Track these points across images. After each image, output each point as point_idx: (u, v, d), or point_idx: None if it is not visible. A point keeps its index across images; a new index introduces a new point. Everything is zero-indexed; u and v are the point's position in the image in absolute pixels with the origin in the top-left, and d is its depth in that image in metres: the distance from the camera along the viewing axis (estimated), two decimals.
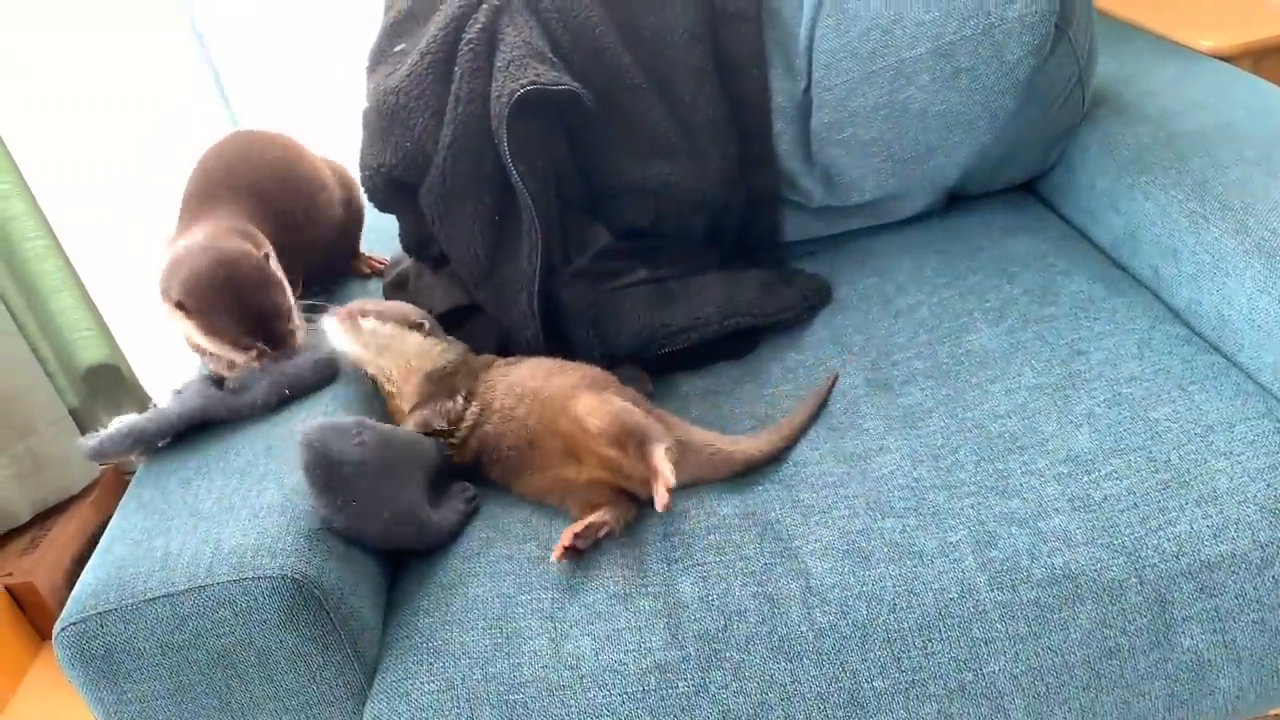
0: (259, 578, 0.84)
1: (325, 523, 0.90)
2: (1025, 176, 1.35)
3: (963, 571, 0.88)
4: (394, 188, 1.15)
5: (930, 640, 0.86)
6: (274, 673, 0.87)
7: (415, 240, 1.21)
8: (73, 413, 1.79)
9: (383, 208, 1.20)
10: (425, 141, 1.12)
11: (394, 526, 0.94)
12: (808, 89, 1.25)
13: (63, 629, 0.86)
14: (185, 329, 1.07)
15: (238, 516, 0.90)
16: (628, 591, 0.91)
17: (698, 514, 0.98)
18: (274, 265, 1.06)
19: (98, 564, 0.91)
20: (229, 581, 0.85)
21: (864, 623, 0.87)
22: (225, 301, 1.02)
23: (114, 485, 1.88)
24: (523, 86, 1.08)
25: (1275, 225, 0.98)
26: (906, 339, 1.15)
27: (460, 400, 1.05)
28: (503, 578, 0.94)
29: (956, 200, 1.36)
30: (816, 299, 1.23)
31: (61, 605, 1.63)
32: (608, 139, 1.20)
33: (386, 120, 1.13)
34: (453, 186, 1.11)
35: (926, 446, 1.00)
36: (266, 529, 0.88)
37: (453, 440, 1.05)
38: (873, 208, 1.32)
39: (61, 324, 1.78)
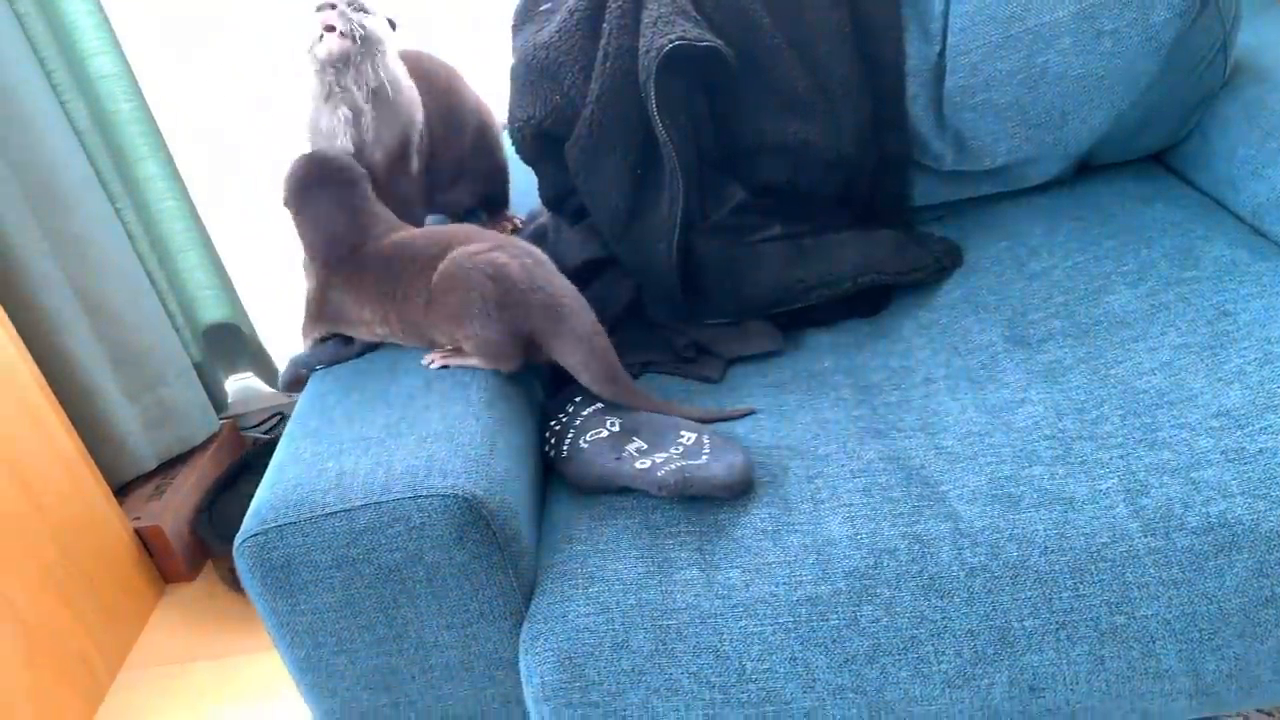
0: (432, 495, 0.88)
1: None
2: (1159, 146, 1.34)
3: (1114, 518, 0.88)
4: (541, 140, 1.19)
5: (1082, 583, 0.87)
6: (440, 589, 0.91)
7: (555, 193, 1.24)
8: (196, 367, 1.86)
9: (528, 160, 1.23)
10: (574, 95, 1.15)
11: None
12: (942, 52, 1.26)
13: (244, 540, 0.91)
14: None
15: (405, 442, 0.94)
16: (776, 528, 0.94)
17: (840, 458, 1.00)
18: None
19: (273, 482, 0.95)
20: (403, 499, 0.88)
21: (1015, 563, 0.88)
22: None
23: (231, 441, 1.95)
24: (670, 42, 1.11)
25: None
26: (1042, 299, 1.16)
27: None
28: (651, 510, 0.97)
29: (1086, 169, 1.36)
30: (949, 260, 1.24)
31: (186, 551, 1.73)
32: (746, 97, 1.22)
33: (536, 74, 1.16)
34: (599, 139, 1.15)
35: (1070, 400, 1.01)
36: (435, 454, 0.92)
37: None
38: (1003, 173, 1.32)
39: (187, 281, 1.85)
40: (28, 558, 1.47)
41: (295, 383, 1.17)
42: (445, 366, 1.04)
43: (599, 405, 1.08)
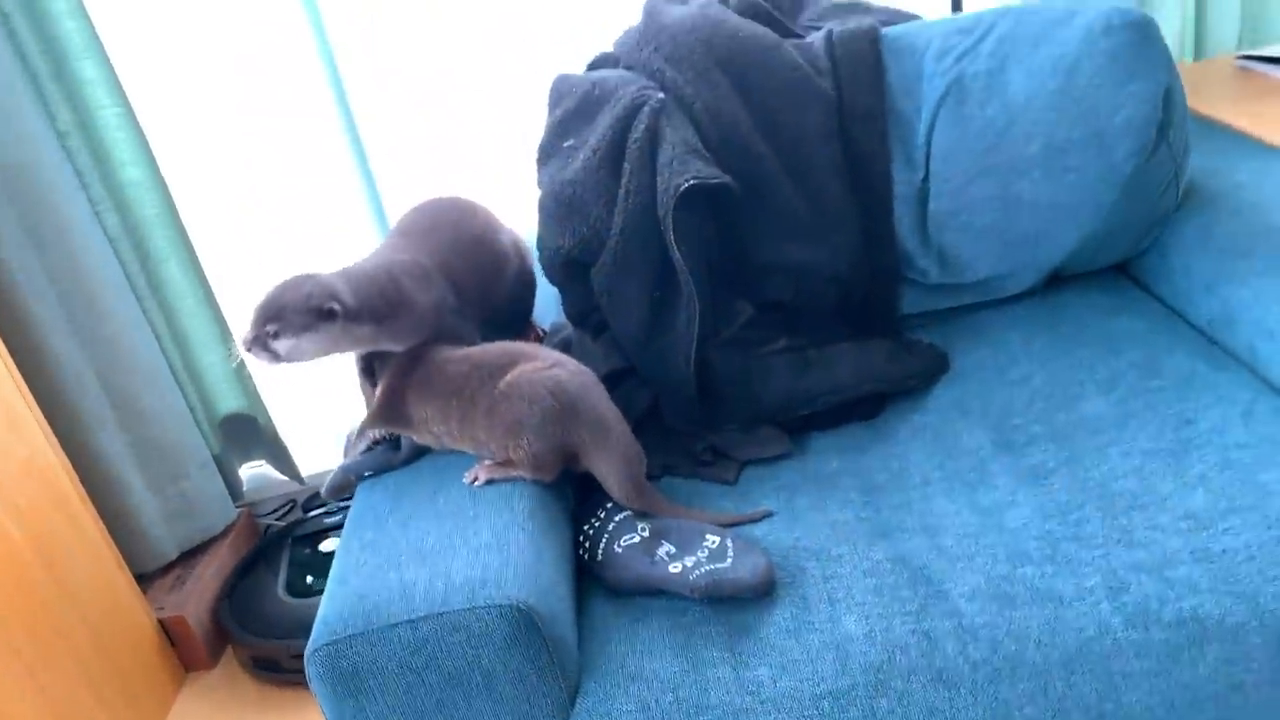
0: (490, 606, 0.97)
1: None
2: (1122, 258, 1.48)
3: (1099, 614, 0.99)
4: (569, 266, 1.31)
5: (1073, 674, 0.97)
6: (496, 692, 0.99)
7: (579, 310, 1.35)
8: (215, 459, 1.94)
9: (555, 282, 1.35)
10: (599, 227, 1.27)
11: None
12: (926, 178, 1.40)
13: (314, 650, 0.99)
14: None
15: (460, 553, 1.04)
16: (797, 626, 1.04)
17: (851, 558, 1.10)
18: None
19: (337, 593, 1.04)
20: (463, 609, 0.97)
21: (1013, 657, 0.98)
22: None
23: (248, 531, 2.02)
24: (686, 182, 1.23)
25: None
26: (1024, 405, 1.28)
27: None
28: (682, 612, 1.07)
29: (1057, 279, 1.49)
30: (937, 367, 1.36)
31: (208, 639, 1.80)
32: (752, 224, 1.34)
33: (564, 209, 1.28)
34: (622, 266, 1.26)
35: (1054, 502, 1.12)
36: (489, 564, 1.01)
37: None
38: (983, 285, 1.45)
39: (205, 374, 1.93)
40: (59, 646, 1.54)
41: (342, 488, 1.26)
42: (490, 481, 1.14)
43: (628, 511, 1.18)
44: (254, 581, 1.88)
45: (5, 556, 1.46)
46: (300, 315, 1.13)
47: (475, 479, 1.15)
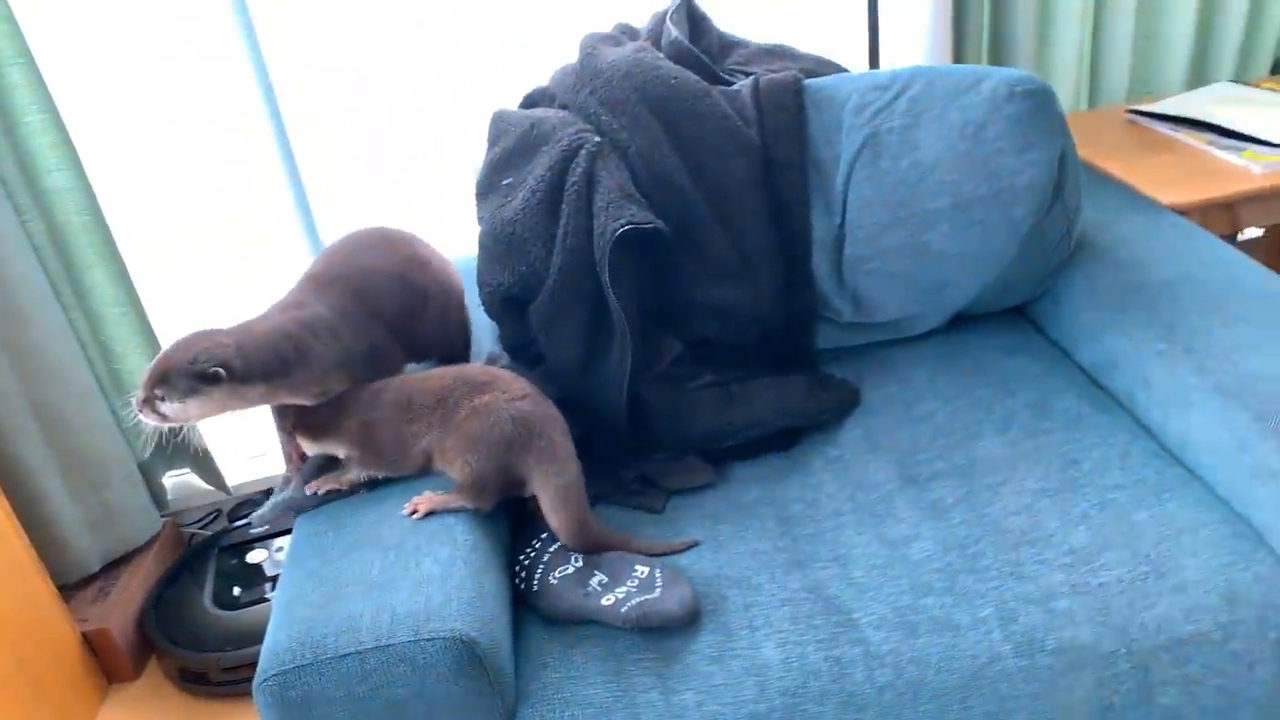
0: (434, 638, 1.03)
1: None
2: (1019, 302, 1.60)
3: (991, 642, 1.10)
4: (507, 303, 1.36)
5: (968, 697, 1.08)
6: (437, 719, 1.06)
7: (515, 343, 1.42)
8: (139, 468, 1.94)
9: (493, 317, 1.41)
10: (538, 266, 1.33)
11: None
12: (842, 225, 1.49)
13: (263, 680, 1.04)
14: None
15: (403, 586, 1.09)
16: (720, 653, 1.12)
17: (770, 588, 1.19)
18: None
19: (284, 623, 1.08)
20: (408, 641, 1.03)
21: (915, 682, 1.09)
22: None
23: (172, 541, 2.03)
24: (621, 226, 1.30)
25: (1228, 368, 1.24)
26: (927, 441, 1.39)
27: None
28: (614, 639, 1.15)
29: (961, 318, 1.60)
30: (850, 402, 1.46)
31: (132, 651, 1.80)
32: (682, 264, 1.42)
33: (503, 247, 1.34)
34: (559, 304, 1.33)
35: (953, 536, 1.23)
36: (432, 596, 1.07)
37: None
38: (893, 324, 1.56)
39: (129, 382, 1.93)
40: None
41: (277, 522, 1.30)
42: (430, 513, 1.20)
43: (561, 542, 1.25)
44: (180, 592, 1.90)
45: None
46: (185, 379, 1.15)
47: (414, 511, 1.20)
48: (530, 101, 1.63)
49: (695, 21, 1.68)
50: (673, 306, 1.43)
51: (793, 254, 1.48)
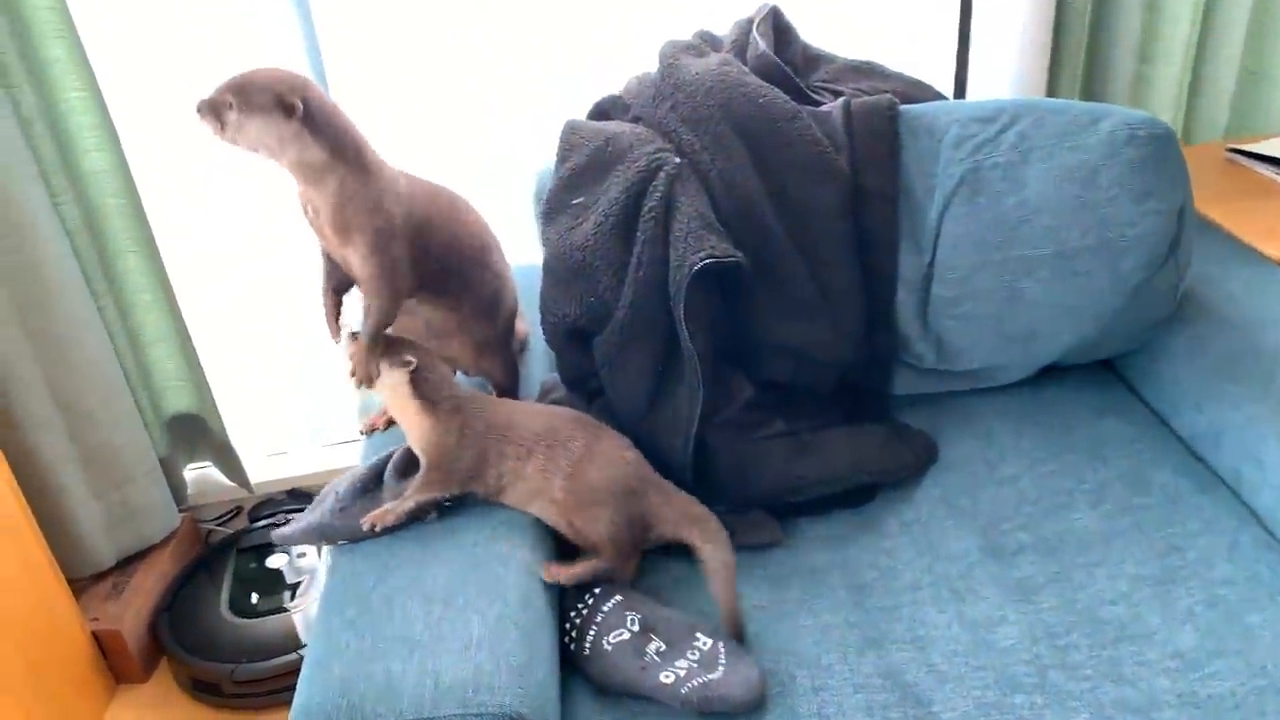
0: (482, 714, 0.94)
1: None
2: (1109, 355, 1.49)
3: None
4: (572, 334, 1.26)
5: None
6: None
7: (576, 376, 1.32)
8: (161, 462, 1.85)
9: (556, 348, 1.30)
10: (607, 298, 1.23)
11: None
12: (931, 263, 1.38)
13: None
14: None
15: (450, 647, 1.00)
16: None
17: (841, 669, 1.10)
18: None
19: (318, 679, 0.99)
20: (454, 715, 0.94)
21: None
22: None
23: (190, 538, 1.94)
24: (701, 260, 1.20)
25: None
26: (1012, 509, 1.28)
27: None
28: (677, 714, 1.05)
29: (1045, 369, 1.49)
30: (928, 458, 1.36)
31: (142, 653, 1.72)
32: (758, 300, 1.32)
33: (571, 275, 1.24)
34: (628, 339, 1.23)
35: (1042, 624, 1.13)
36: (481, 665, 0.98)
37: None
38: (974, 373, 1.45)
39: (155, 372, 1.85)
40: None
41: (301, 543, 1.20)
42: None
43: (618, 599, 1.15)
44: (195, 595, 1.82)
45: None
46: (263, 96, 1.09)
47: (553, 576, 1.15)
48: (600, 111, 1.52)
49: (780, 32, 1.56)
50: (744, 345, 1.33)
51: (876, 292, 1.37)
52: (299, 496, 2.01)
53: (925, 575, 1.21)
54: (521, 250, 1.47)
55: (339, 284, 1.24)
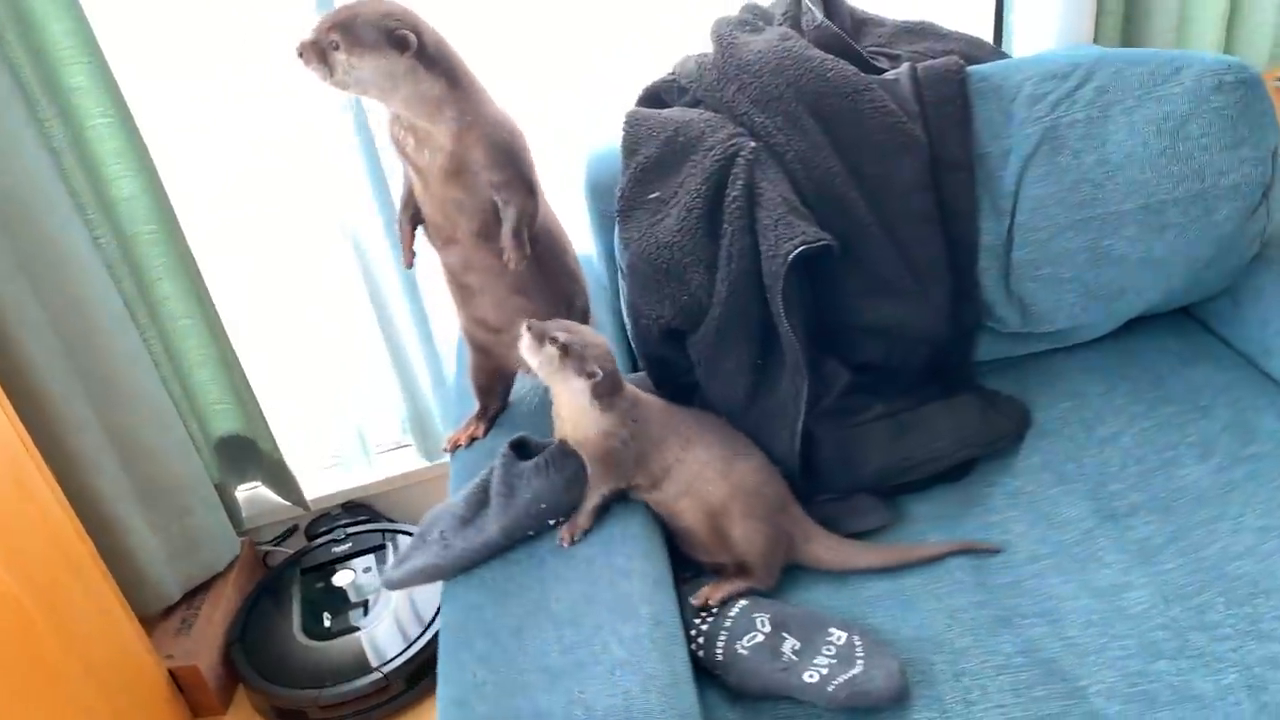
0: None
1: None
2: (1191, 302, 1.46)
3: (1242, 714, 0.99)
4: (666, 336, 1.22)
5: None
6: None
7: (664, 377, 1.28)
8: (216, 488, 1.81)
9: (647, 353, 1.27)
10: (700, 295, 1.19)
11: None
12: (1011, 227, 1.35)
13: None
14: None
15: (593, 673, 0.97)
16: None
17: (978, 652, 1.08)
18: None
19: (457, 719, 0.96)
20: None
21: None
22: None
23: (250, 563, 1.91)
24: (796, 247, 1.16)
25: None
26: (1117, 469, 1.27)
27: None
28: (817, 718, 1.03)
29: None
30: (1024, 424, 1.34)
31: (219, 685, 1.69)
32: (845, 281, 1.28)
33: (661, 275, 1.20)
34: (724, 335, 1.19)
35: (1171, 585, 1.11)
36: (630, 689, 0.95)
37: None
38: (1058, 333, 1.42)
39: (200, 395, 1.80)
40: (66, 701, 1.43)
41: (414, 583, 1.17)
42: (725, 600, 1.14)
43: (743, 603, 1.13)
44: (264, 621, 1.78)
45: (4, 610, 1.33)
46: (372, 31, 1.02)
47: (705, 600, 1.14)
48: (653, 97, 1.46)
49: None
50: (835, 329, 1.29)
51: (960, 262, 1.34)
52: (355, 509, 1.97)
53: (1042, 546, 1.20)
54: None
55: (416, 213, 1.20)
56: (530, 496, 1.14)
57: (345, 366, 1.92)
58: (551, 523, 1.15)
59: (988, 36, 1.80)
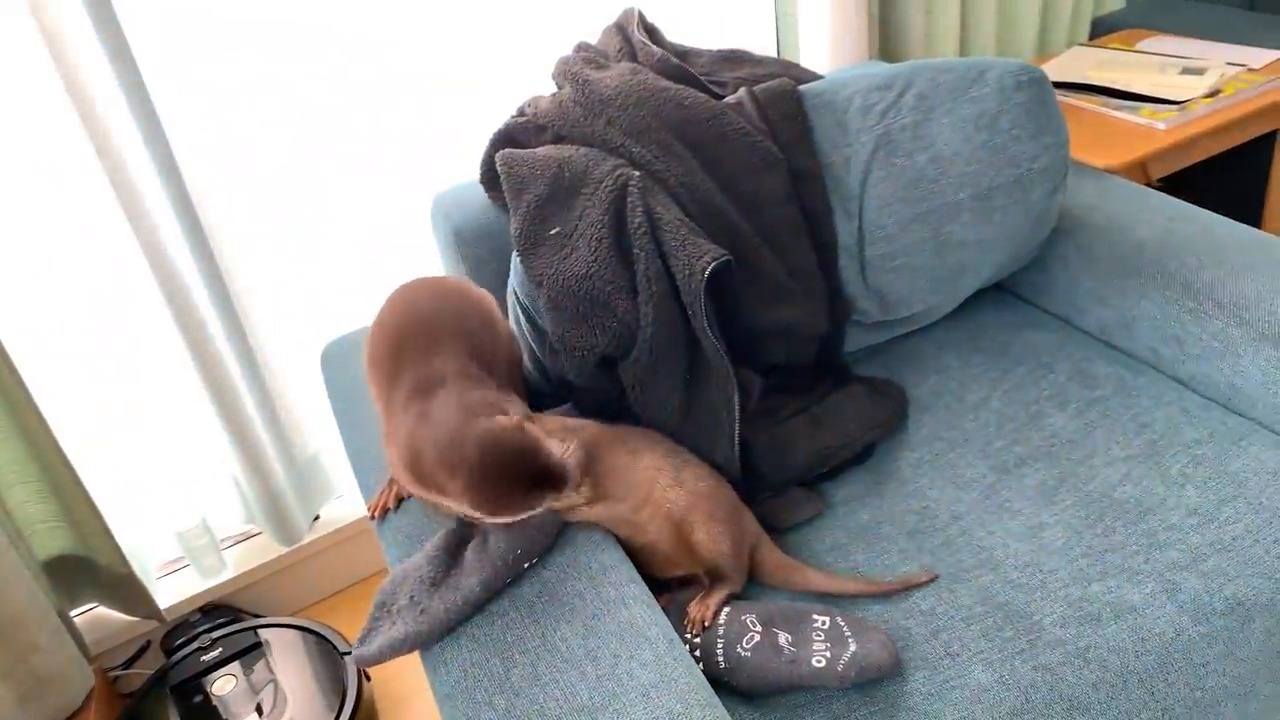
0: None
1: None
2: (1009, 274, 1.66)
3: (1168, 615, 1.14)
4: (600, 364, 1.24)
5: (1168, 674, 1.12)
6: None
7: (594, 405, 1.29)
8: (59, 616, 1.61)
9: (584, 383, 1.27)
10: (628, 319, 1.22)
11: None
12: (860, 226, 1.48)
13: None
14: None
15: (630, 700, 0.97)
16: (938, 688, 1.09)
17: (943, 610, 1.18)
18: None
19: None
20: None
21: (1120, 672, 1.11)
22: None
23: (104, 690, 1.71)
24: (708, 264, 1.22)
25: (1266, 317, 1.36)
26: (995, 428, 1.42)
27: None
28: (830, 701, 1.09)
29: None
30: (905, 403, 1.47)
31: None
32: (742, 291, 1.35)
33: (587, 305, 1.21)
34: (658, 355, 1.23)
35: (1076, 518, 1.27)
36: (673, 709, 0.96)
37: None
38: (912, 317, 1.57)
39: (19, 519, 1.60)
40: None
41: (394, 656, 1.12)
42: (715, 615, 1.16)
43: (726, 609, 1.16)
44: None
45: None
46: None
47: (700, 620, 1.15)
48: (506, 138, 1.48)
49: (649, 32, 1.60)
50: (741, 337, 1.36)
51: (827, 263, 1.46)
52: (213, 612, 1.81)
53: (958, 505, 1.32)
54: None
55: None
56: (504, 546, 1.12)
57: (183, 456, 1.77)
58: (526, 566, 1.14)
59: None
